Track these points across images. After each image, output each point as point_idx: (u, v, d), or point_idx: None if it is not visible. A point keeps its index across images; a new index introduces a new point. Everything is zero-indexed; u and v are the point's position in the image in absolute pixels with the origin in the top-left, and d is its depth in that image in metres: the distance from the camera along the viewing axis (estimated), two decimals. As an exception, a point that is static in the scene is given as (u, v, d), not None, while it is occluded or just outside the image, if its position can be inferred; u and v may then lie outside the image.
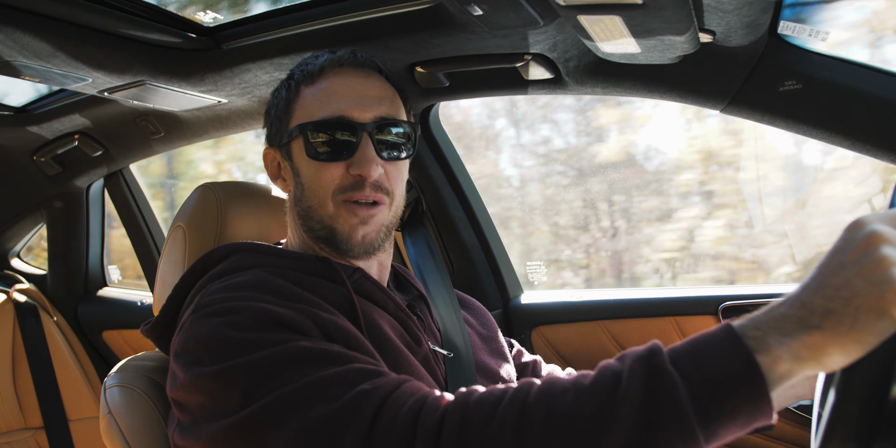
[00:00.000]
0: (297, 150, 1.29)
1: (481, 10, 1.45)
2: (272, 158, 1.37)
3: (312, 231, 1.30)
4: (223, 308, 1.07)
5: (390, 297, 1.29)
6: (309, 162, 1.27)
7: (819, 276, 0.75)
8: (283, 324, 1.05)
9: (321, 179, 1.26)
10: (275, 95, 1.36)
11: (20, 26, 1.55)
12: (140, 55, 1.80)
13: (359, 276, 1.27)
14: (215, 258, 1.29)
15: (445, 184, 2.30)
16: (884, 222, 0.74)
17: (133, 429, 1.26)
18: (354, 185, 1.25)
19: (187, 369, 1.04)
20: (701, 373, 0.77)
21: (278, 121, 1.33)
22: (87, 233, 3.14)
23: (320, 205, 1.27)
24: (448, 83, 1.95)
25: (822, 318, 0.72)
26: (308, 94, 1.30)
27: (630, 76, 1.71)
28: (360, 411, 0.90)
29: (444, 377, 1.29)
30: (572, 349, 2.22)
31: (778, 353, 0.74)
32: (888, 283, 0.69)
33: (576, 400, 0.83)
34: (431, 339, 1.35)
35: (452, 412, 0.88)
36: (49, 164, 2.79)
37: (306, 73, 1.31)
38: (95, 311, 3.14)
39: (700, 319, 2.00)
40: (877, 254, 0.71)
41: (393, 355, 1.18)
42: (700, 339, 0.82)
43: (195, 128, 2.44)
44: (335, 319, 1.11)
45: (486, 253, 2.37)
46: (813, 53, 1.52)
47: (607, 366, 0.85)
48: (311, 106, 1.28)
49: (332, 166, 1.25)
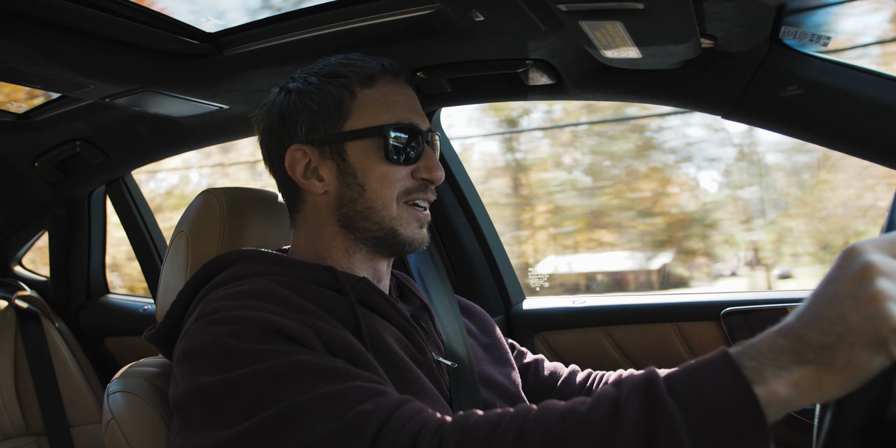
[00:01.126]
0: (358, 151, 1.28)
1: (482, 16, 1.45)
2: (303, 156, 1.31)
3: (364, 231, 1.30)
4: (227, 317, 1.07)
5: (394, 307, 1.29)
6: (378, 163, 1.28)
7: (814, 307, 0.75)
8: (285, 335, 1.04)
9: (391, 180, 1.28)
10: (316, 92, 1.31)
11: (22, 32, 1.55)
12: (142, 61, 1.81)
13: (363, 285, 1.27)
14: (221, 265, 1.29)
15: (447, 189, 2.30)
16: (880, 250, 0.74)
17: (135, 435, 1.26)
18: (420, 188, 1.31)
19: (189, 377, 1.04)
20: (699, 403, 0.77)
21: (326, 118, 1.29)
22: (89, 239, 3.13)
23: (384, 206, 1.28)
24: (450, 89, 1.95)
25: (818, 353, 0.72)
26: (369, 96, 1.30)
27: (631, 82, 1.71)
28: (360, 433, 0.90)
29: (448, 388, 1.29)
30: (575, 355, 2.22)
31: (775, 386, 0.74)
32: (883, 320, 0.69)
33: (573, 427, 0.82)
34: (435, 349, 1.34)
35: (449, 437, 0.88)
36: (51, 170, 2.79)
37: (362, 75, 1.30)
38: (97, 318, 3.14)
39: (702, 325, 1.99)
40: (871, 287, 0.70)
41: (397, 367, 1.17)
42: (697, 367, 0.81)
43: (197, 134, 2.44)
44: (338, 332, 1.10)
45: (488, 258, 2.37)
46: (814, 59, 1.52)
47: (604, 392, 0.85)
48: (378, 109, 1.29)
49: (401, 169, 1.29)
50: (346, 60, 1.33)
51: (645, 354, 2.08)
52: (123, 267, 5.65)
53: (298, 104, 1.31)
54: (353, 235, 1.31)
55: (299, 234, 1.38)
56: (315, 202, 1.33)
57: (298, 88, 1.32)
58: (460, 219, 2.32)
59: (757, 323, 1.88)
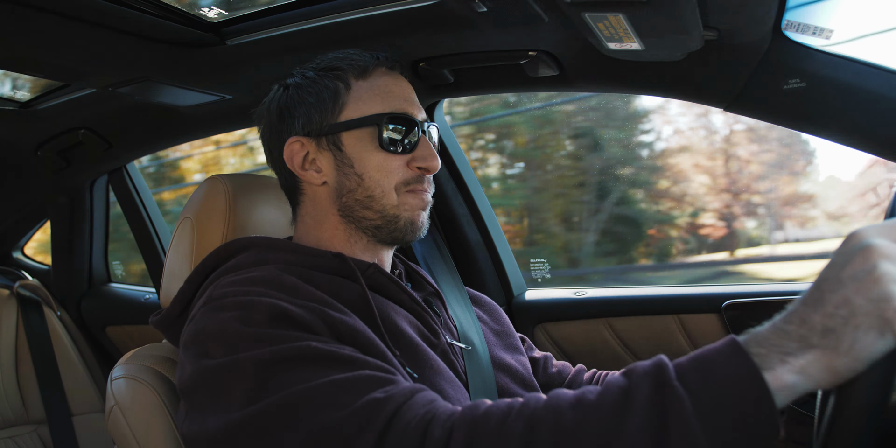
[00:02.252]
0: (354, 140, 1.30)
1: (485, 7, 1.45)
2: (301, 148, 1.33)
3: (363, 220, 1.31)
4: (235, 302, 1.08)
5: (405, 291, 1.30)
6: (375, 152, 1.28)
7: (817, 292, 0.75)
8: (293, 321, 1.05)
9: (389, 170, 1.29)
10: (312, 84, 1.34)
11: (24, 22, 1.55)
12: (145, 51, 1.81)
13: (373, 270, 1.27)
14: (230, 251, 1.30)
15: (449, 180, 2.30)
16: (881, 235, 0.74)
17: (139, 421, 1.27)
18: (417, 178, 1.31)
19: (195, 361, 1.04)
20: (709, 390, 0.77)
21: (322, 109, 1.31)
22: (91, 228, 3.14)
23: (384, 194, 1.29)
24: (452, 80, 1.95)
25: (823, 337, 0.73)
26: (363, 87, 1.31)
27: (634, 73, 1.71)
28: (372, 421, 0.90)
29: (463, 370, 1.30)
30: (576, 346, 2.23)
31: (782, 372, 0.75)
32: (887, 301, 0.70)
33: (583, 415, 0.83)
34: (448, 333, 1.35)
35: (459, 426, 0.88)
36: (53, 159, 2.80)
37: (356, 67, 1.32)
38: (99, 307, 3.15)
39: (703, 317, 2.00)
40: (874, 270, 0.71)
41: (411, 350, 1.18)
42: (706, 354, 0.82)
43: (200, 123, 2.44)
44: (347, 319, 1.11)
45: (490, 249, 2.38)
46: (817, 52, 1.52)
47: (613, 381, 0.86)
48: (372, 100, 1.30)
49: (398, 158, 1.29)
50: (343, 54, 1.35)
51: (646, 346, 2.09)
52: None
53: (296, 98, 1.34)
54: (353, 225, 1.32)
55: (301, 226, 1.39)
56: (314, 193, 1.35)
57: (296, 83, 1.35)
58: (462, 209, 2.33)
59: (758, 315, 1.88)
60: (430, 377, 1.17)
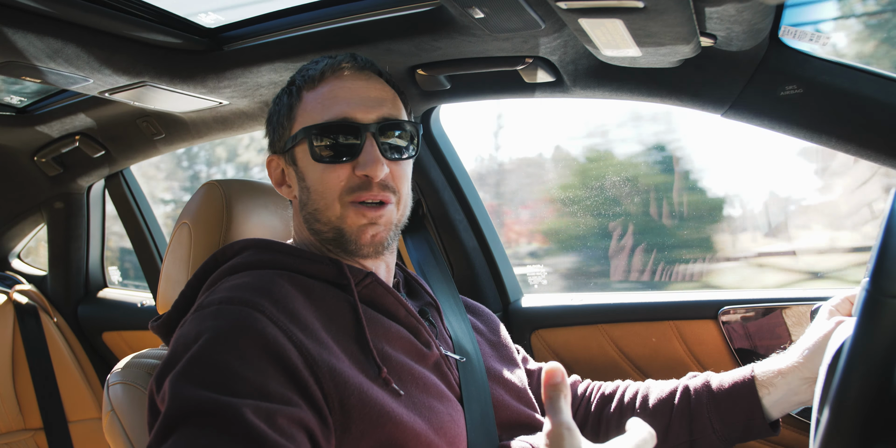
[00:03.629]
0: (302, 155, 1.30)
1: (482, 13, 1.45)
2: (276, 165, 1.37)
3: (320, 234, 1.30)
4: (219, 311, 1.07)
5: (401, 303, 1.28)
6: (314, 165, 1.27)
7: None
8: (267, 351, 1.01)
9: (327, 181, 1.26)
10: (276, 102, 1.37)
11: (21, 27, 1.55)
12: (141, 56, 1.81)
13: (370, 280, 1.26)
14: (228, 254, 1.30)
15: (446, 186, 2.30)
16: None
17: (136, 426, 1.27)
18: (362, 186, 1.25)
19: (163, 364, 1.03)
20: None
21: (281, 127, 1.34)
22: (88, 234, 3.14)
23: (327, 207, 1.27)
24: (449, 86, 1.95)
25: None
26: (310, 98, 1.30)
27: (631, 80, 1.71)
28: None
29: (457, 382, 1.29)
30: (572, 353, 2.22)
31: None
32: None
33: None
34: (443, 344, 1.34)
35: None
36: (50, 164, 2.80)
37: (307, 79, 1.32)
38: (95, 313, 3.14)
39: (700, 323, 2.00)
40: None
41: (398, 369, 1.16)
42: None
43: (196, 129, 2.44)
44: (324, 354, 1.07)
45: (487, 256, 2.37)
46: (814, 58, 1.52)
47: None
48: (314, 110, 1.28)
49: (338, 168, 1.25)
50: (307, 65, 1.36)
51: (642, 352, 2.09)
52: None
53: (269, 116, 1.39)
54: (316, 237, 1.32)
55: (293, 237, 1.41)
56: (293, 207, 1.39)
57: (274, 98, 1.39)
58: (459, 216, 2.32)
59: (754, 321, 1.88)
60: (416, 395, 1.15)
